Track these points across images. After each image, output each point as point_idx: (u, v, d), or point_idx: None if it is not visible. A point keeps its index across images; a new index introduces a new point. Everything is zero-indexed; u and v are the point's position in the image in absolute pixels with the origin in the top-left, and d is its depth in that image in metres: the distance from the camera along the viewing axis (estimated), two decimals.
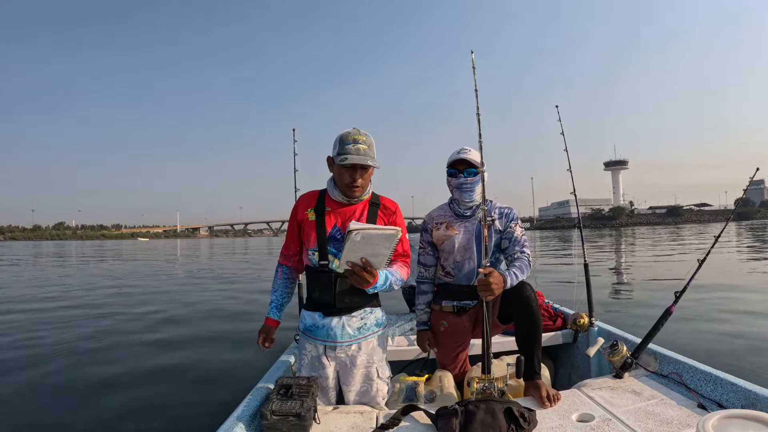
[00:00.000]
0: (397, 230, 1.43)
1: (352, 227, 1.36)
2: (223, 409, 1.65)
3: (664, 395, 1.70)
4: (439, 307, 2.18)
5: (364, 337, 1.77)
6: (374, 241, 1.42)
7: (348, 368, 1.76)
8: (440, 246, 2.15)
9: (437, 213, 2.21)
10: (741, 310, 5.54)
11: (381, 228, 1.43)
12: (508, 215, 2.10)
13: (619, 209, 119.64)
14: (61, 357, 4.37)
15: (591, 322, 2.50)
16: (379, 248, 1.45)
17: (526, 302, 1.84)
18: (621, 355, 1.90)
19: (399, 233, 1.44)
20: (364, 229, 1.38)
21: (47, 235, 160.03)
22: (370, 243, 1.42)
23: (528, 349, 1.83)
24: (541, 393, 1.68)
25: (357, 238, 1.38)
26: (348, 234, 1.37)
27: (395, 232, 1.43)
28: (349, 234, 1.36)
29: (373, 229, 1.40)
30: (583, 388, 1.81)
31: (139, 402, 3.22)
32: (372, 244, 1.42)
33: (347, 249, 1.41)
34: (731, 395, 1.59)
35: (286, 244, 1.88)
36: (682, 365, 1.81)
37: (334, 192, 1.76)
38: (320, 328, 1.74)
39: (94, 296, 8.69)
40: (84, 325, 5.85)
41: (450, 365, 2.20)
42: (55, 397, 3.34)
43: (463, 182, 2.05)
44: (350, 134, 1.67)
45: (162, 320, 6.29)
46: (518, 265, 1.93)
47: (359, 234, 1.37)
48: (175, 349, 4.74)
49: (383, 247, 1.45)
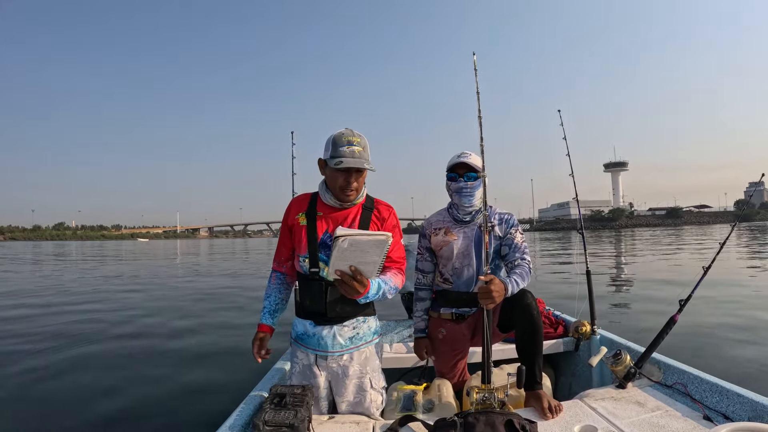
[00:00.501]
0: (387, 236, 1.36)
1: (339, 233, 1.30)
2: (216, 419, 1.61)
3: (669, 406, 1.65)
4: (438, 314, 2.14)
5: (357, 347, 1.71)
6: (364, 247, 1.35)
7: (340, 378, 1.71)
8: (439, 252, 2.11)
9: (436, 218, 2.17)
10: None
11: (370, 234, 1.36)
12: (508, 221, 2.06)
13: (618, 211, 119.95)
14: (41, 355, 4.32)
15: (593, 330, 2.45)
16: (369, 255, 1.38)
17: (527, 311, 1.80)
18: (624, 365, 1.86)
19: (390, 239, 1.37)
20: (352, 235, 1.31)
21: (47, 235, 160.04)
22: (359, 249, 1.35)
23: (529, 358, 1.79)
24: (542, 404, 1.64)
25: (344, 245, 1.31)
26: (335, 241, 1.30)
27: (386, 238, 1.35)
28: (336, 241, 1.30)
29: (361, 235, 1.33)
30: (585, 398, 1.76)
31: (124, 413, 3.09)
32: (361, 250, 1.35)
33: (335, 257, 1.34)
34: (738, 407, 1.55)
35: (279, 249, 1.80)
36: (687, 375, 1.77)
37: (326, 196, 1.69)
38: (311, 337, 1.70)
39: (83, 294, 8.65)
40: (63, 329, 5.79)
41: (448, 374, 2.16)
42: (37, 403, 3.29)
43: (462, 186, 2.01)
44: (344, 135, 1.60)
45: (152, 324, 6.22)
46: (519, 272, 1.88)
47: (346, 240, 1.30)
48: (168, 351, 4.68)
49: (373, 254, 1.38)
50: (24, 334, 5.50)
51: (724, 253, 2.08)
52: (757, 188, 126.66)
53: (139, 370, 4.07)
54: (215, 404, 3.07)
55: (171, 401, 3.30)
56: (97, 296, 8.95)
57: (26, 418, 3.05)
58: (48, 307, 7.62)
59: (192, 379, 3.77)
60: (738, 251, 15.28)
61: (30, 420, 3.02)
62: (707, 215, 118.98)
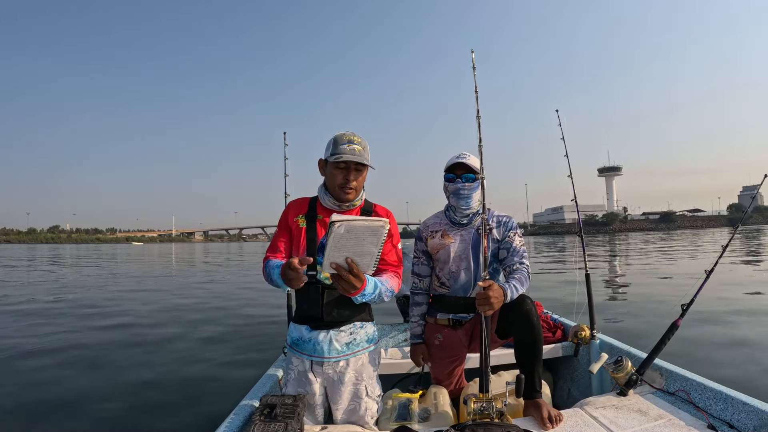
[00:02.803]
0: (384, 221, 1.30)
1: (335, 218, 1.23)
2: (203, 429, 1.54)
3: (672, 415, 1.60)
4: (434, 319, 2.08)
5: (353, 353, 1.67)
6: (360, 234, 1.28)
7: (335, 385, 1.66)
8: (435, 255, 2.06)
9: (432, 221, 2.12)
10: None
11: (367, 219, 1.30)
12: (506, 224, 2.01)
13: (612, 215, 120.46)
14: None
15: (592, 334, 2.40)
16: (366, 244, 1.31)
17: (526, 318, 1.74)
18: (626, 371, 1.81)
19: (387, 225, 1.31)
20: (348, 220, 1.25)
21: (42, 238, 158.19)
22: (355, 237, 1.28)
23: (528, 366, 1.73)
24: (542, 413, 1.59)
25: (341, 230, 1.25)
26: (330, 226, 1.23)
27: (383, 224, 1.29)
28: (332, 226, 1.23)
29: (358, 221, 1.27)
30: (585, 406, 1.71)
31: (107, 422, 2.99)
32: (358, 238, 1.29)
33: (330, 244, 1.27)
34: (743, 415, 1.50)
35: (273, 247, 1.72)
36: (690, 382, 1.72)
37: (326, 198, 1.68)
38: (307, 342, 1.65)
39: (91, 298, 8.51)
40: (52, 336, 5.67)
41: (445, 381, 2.10)
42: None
43: (460, 188, 1.97)
44: (345, 135, 1.62)
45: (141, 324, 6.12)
46: (518, 277, 1.83)
47: (343, 225, 1.24)
48: (159, 354, 4.59)
49: (370, 243, 1.31)
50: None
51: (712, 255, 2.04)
52: (750, 191, 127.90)
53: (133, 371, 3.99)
54: (209, 407, 3.01)
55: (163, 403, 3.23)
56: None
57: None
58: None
59: (179, 385, 3.69)
60: (732, 254, 15.34)
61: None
62: (700, 219, 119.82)
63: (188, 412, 3.14)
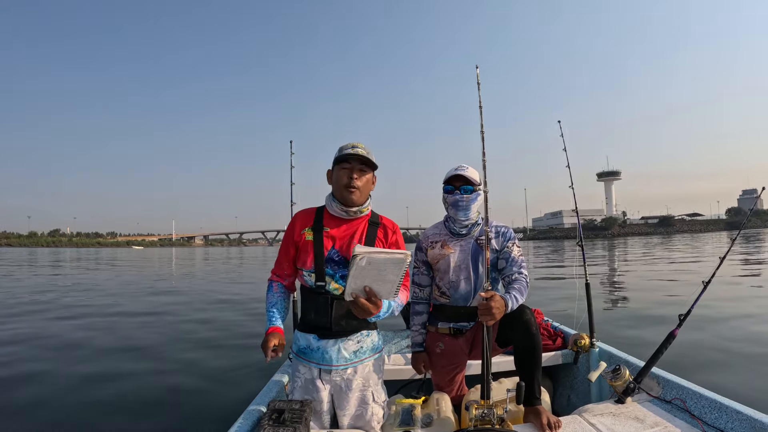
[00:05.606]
0: (406, 254, 1.34)
1: (358, 251, 1.28)
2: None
3: (668, 422, 1.65)
4: (435, 328, 2.13)
5: (360, 361, 1.71)
6: (381, 266, 1.32)
7: (343, 392, 1.70)
8: (435, 265, 2.10)
9: (432, 231, 2.17)
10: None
11: (389, 252, 1.34)
12: (505, 234, 2.06)
13: (611, 219, 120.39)
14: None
15: (592, 343, 2.44)
16: (387, 274, 1.35)
17: (526, 327, 1.79)
18: (624, 379, 1.85)
19: (408, 258, 1.35)
20: (370, 253, 1.29)
21: (43, 242, 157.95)
22: (377, 268, 1.32)
23: (528, 374, 1.78)
24: (541, 420, 1.63)
25: (363, 263, 1.29)
26: (353, 259, 1.28)
27: (404, 257, 1.33)
28: (354, 259, 1.28)
29: (380, 253, 1.31)
30: (584, 413, 1.76)
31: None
32: (379, 269, 1.33)
33: (352, 276, 1.31)
34: (737, 424, 1.54)
35: (279, 263, 1.78)
36: (686, 391, 1.77)
37: (333, 205, 1.71)
38: (315, 351, 1.69)
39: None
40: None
41: (446, 387, 2.14)
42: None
43: (459, 199, 2.01)
44: (350, 142, 1.71)
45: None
46: (517, 287, 1.88)
47: (365, 258, 1.28)
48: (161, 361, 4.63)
49: (391, 273, 1.35)
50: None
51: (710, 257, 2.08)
52: (749, 195, 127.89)
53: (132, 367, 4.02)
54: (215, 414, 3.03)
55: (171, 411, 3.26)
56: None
57: None
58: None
59: (189, 390, 3.73)
60: (731, 259, 15.36)
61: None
62: (699, 223, 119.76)
63: (195, 413, 3.19)
